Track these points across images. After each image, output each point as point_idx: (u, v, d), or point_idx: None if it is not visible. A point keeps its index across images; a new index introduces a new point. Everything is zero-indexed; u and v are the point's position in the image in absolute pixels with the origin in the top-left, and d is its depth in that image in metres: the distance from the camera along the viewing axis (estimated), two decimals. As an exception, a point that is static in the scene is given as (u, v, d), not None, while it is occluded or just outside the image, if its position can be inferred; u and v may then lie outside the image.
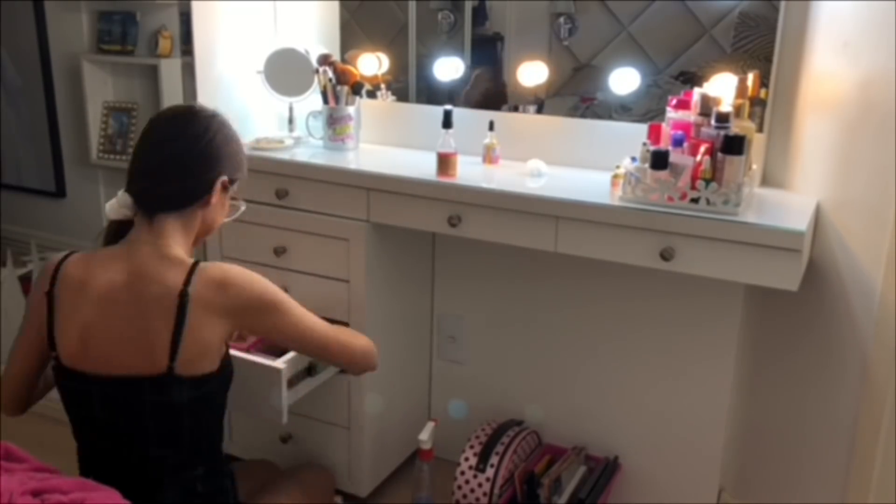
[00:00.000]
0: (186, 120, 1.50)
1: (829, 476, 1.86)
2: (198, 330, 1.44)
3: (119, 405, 1.47)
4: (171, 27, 3.37)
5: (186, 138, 1.48)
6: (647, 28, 2.16)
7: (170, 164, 1.48)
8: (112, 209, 1.51)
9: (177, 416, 1.47)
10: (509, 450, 2.16)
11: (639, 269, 1.80)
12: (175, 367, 1.43)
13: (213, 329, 1.46)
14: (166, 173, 1.48)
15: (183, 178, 1.49)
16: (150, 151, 1.49)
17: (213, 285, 1.46)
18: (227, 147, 1.54)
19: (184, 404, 1.46)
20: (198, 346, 1.45)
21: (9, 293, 2.75)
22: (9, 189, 4.02)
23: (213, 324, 1.46)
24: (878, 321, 1.70)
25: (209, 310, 1.45)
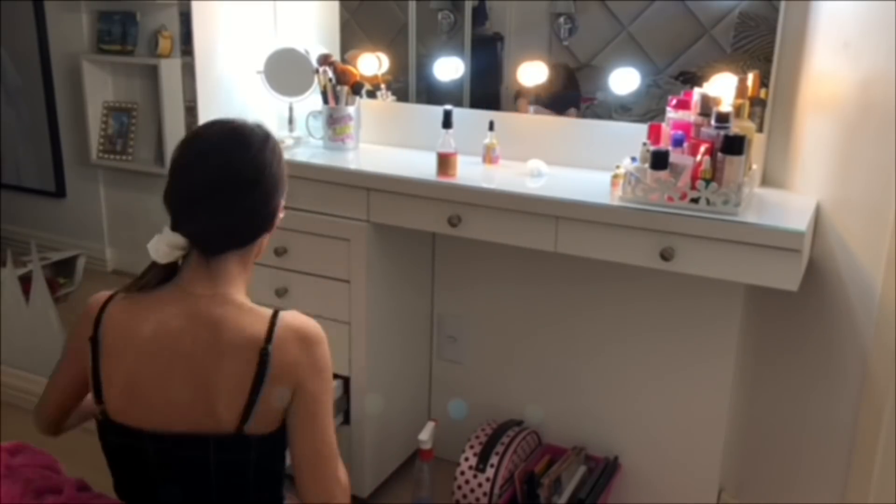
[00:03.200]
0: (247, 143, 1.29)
1: (829, 476, 1.86)
2: (275, 389, 1.27)
3: (179, 463, 1.30)
4: (171, 27, 3.37)
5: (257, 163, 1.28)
6: (647, 28, 2.16)
7: (243, 197, 1.28)
8: (159, 252, 1.28)
9: (243, 474, 1.31)
10: (509, 450, 2.16)
11: (639, 269, 1.80)
12: (245, 428, 1.27)
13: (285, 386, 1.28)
14: (238, 209, 1.28)
15: (257, 210, 1.30)
16: (208, 182, 1.27)
17: (297, 339, 1.28)
18: (283, 164, 1.35)
19: (251, 462, 1.30)
20: (271, 407, 1.28)
21: (9, 293, 2.75)
22: (9, 189, 4.02)
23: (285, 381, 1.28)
24: (878, 321, 1.70)
25: (286, 366, 1.27)
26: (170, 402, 1.28)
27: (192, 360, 1.27)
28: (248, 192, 1.29)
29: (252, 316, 1.29)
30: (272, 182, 1.31)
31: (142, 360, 1.28)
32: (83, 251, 3.65)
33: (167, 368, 1.27)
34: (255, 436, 1.28)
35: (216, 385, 1.26)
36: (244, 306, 1.31)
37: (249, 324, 1.27)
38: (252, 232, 1.33)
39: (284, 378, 1.27)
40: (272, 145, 1.33)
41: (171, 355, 1.27)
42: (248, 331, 1.27)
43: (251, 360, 1.26)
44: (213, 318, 1.27)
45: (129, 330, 1.29)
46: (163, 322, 1.28)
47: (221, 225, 1.29)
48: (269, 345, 1.26)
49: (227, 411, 1.26)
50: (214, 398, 1.26)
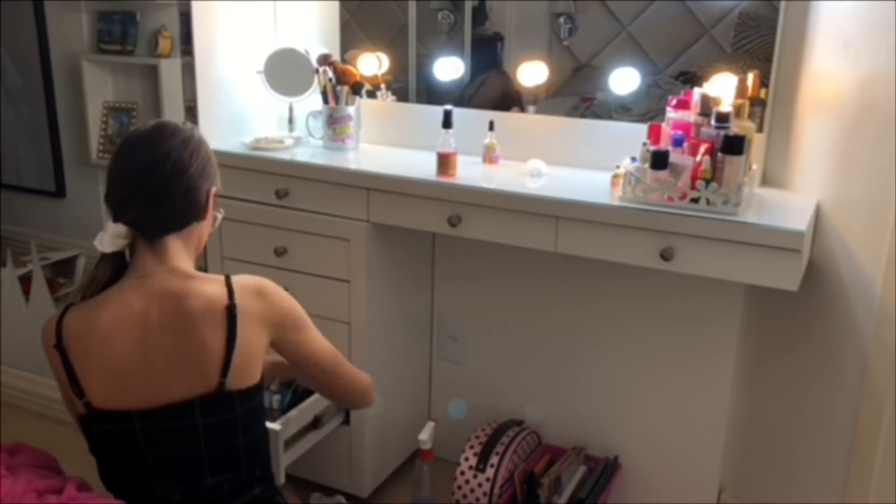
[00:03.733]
0: (170, 136, 1.43)
1: (829, 476, 1.86)
2: (248, 341, 1.40)
3: (169, 436, 1.38)
4: (171, 27, 3.37)
5: (177, 154, 1.41)
6: (647, 28, 2.16)
7: (169, 182, 1.40)
8: (105, 243, 1.41)
9: (232, 434, 1.41)
10: (509, 450, 2.16)
11: (639, 270, 1.80)
12: (226, 383, 1.37)
13: (258, 339, 1.43)
14: (167, 194, 1.41)
15: (184, 195, 1.42)
16: (141, 175, 1.40)
17: (253, 294, 1.43)
18: (210, 157, 1.49)
19: (237, 419, 1.40)
20: (247, 358, 1.40)
21: (9, 293, 2.75)
22: (9, 189, 4.02)
23: (257, 334, 1.43)
24: (878, 321, 1.70)
25: (253, 319, 1.41)
26: (150, 377, 1.36)
27: (163, 332, 1.37)
28: (171, 179, 1.41)
29: (208, 283, 1.42)
30: (194, 174, 1.43)
31: (112, 345, 1.37)
32: (83, 251, 3.65)
33: (141, 344, 1.37)
34: (236, 391, 1.39)
35: (192, 351, 1.36)
36: (198, 276, 1.43)
37: (209, 289, 1.40)
38: (182, 217, 1.44)
39: (255, 327, 1.42)
40: (195, 141, 1.46)
41: (142, 331, 1.37)
42: (210, 294, 1.40)
43: (220, 318, 1.38)
44: (172, 291, 1.39)
45: (90, 323, 1.38)
46: (124, 304, 1.38)
47: (153, 209, 1.41)
48: (233, 300, 1.39)
49: (208, 369, 1.37)
50: (195, 360, 1.36)
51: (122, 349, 1.36)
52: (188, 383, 1.37)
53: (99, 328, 1.37)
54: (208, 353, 1.37)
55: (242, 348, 1.39)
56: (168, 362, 1.37)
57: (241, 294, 1.41)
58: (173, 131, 1.43)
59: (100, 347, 1.37)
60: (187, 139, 1.44)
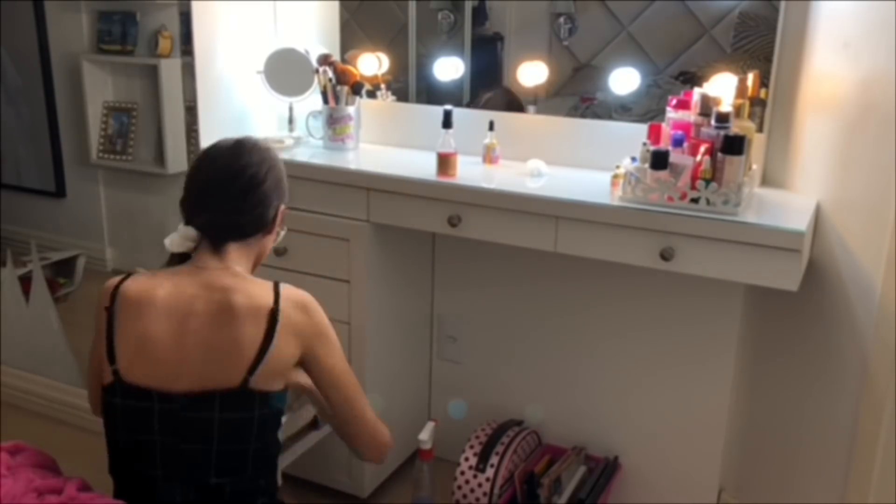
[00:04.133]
0: (249, 152, 1.52)
1: (829, 476, 1.86)
2: (281, 348, 1.44)
3: (185, 424, 1.41)
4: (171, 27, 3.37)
5: (254, 169, 1.50)
6: (647, 28, 2.16)
7: (243, 194, 1.49)
8: (174, 243, 1.50)
9: (245, 436, 1.43)
10: (509, 450, 2.16)
11: (639, 269, 1.80)
12: (250, 381, 1.41)
13: (291, 350, 1.47)
14: (240, 204, 1.49)
15: (256, 207, 1.51)
16: (217, 184, 1.50)
17: (297, 306, 1.48)
18: (283, 177, 1.58)
19: (253, 421, 1.43)
20: (276, 363, 1.44)
21: (9, 293, 2.75)
22: (9, 189, 4.02)
23: (291, 344, 1.46)
24: (878, 321, 1.70)
25: (291, 329, 1.46)
26: (181, 360, 1.41)
27: (205, 321, 1.43)
28: (244, 195, 1.50)
29: (258, 285, 1.48)
30: (267, 190, 1.52)
31: (157, 320, 1.43)
32: (83, 251, 3.65)
33: (180, 328, 1.42)
34: (258, 391, 1.41)
35: (228, 343, 1.41)
36: (250, 278, 1.50)
37: (257, 291, 1.46)
38: (249, 227, 1.52)
39: (291, 336, 1.45)
40: (272, 158, 1.55)
41: (185, 316, 1.43)
42: (257, 295, 1.45)
43: (261, 319, 1.43)
44: (223, 285, 1.45)
45: (146, 293, 1.44)
46: (178, 287, 1.45)
47: (223, 218, 1.50)
48: (277, 306, 1.45)
49: (236, 367, 1.40)
50: (227, 353, 1.41)
51: (163, 328, 1.42)
52: (215, 374, 1.40)
53: (151, 302, 1.43)
54: (242, 348, 1.41)
55: (275, 353, 1.43)
56: (202, 351, 1.41)
57: (285, 302, 1.46)
58: (252, 147, 1.53)
59: (144, 320, 1.42)
60: (265, 157, 1.53)
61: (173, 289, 1.45)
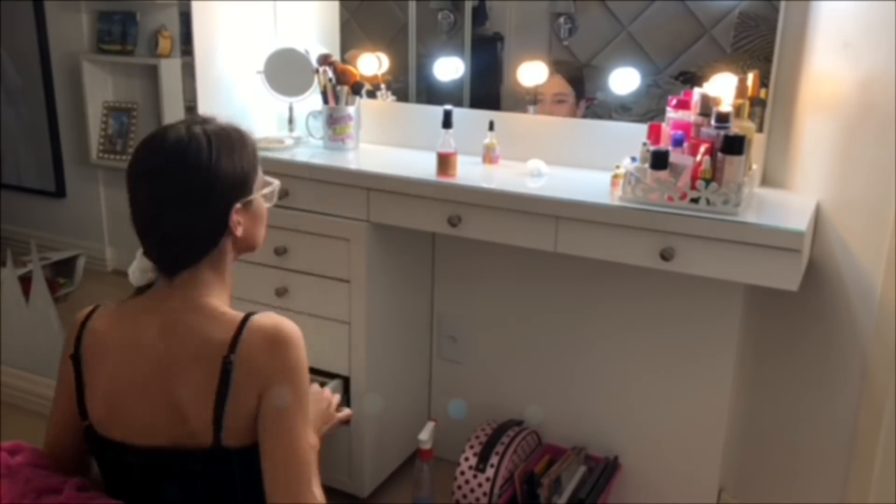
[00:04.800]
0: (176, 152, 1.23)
1: (829, 476, 1.86)
2: (242, 400, 1.22)
3: (165, 477, 1.28)
4: (171, 27, 3.38)
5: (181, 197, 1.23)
6: (647, 28, 2.16)
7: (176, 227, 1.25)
8: (135, 276, 1.34)
9: (230, 491, 1.28)
10: (509, 450, 2.16)
11: (639, 269, 1.80)
12: (221, 439, 1.23)
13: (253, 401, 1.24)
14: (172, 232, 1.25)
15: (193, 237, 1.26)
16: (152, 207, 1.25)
17: (265, 342, 1.23)
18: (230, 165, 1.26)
19: (235, 477, 1.27)
20: (244, 418, 1.23)
21: (9, 293, 2.75)
22: (9, 189, 4.02)
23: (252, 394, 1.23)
24: (878, 321, 1.70)
25: (251, 375, 1.22)
26: (148, 415, 1.26)
27: (163, 371, 1.25)
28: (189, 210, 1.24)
29: (217, 323, 1.25)
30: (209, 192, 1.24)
31: (119, 371, 1.28)
32: (83, 251, 3.66)
33: (142, 380, 1.26)
34: (234, 448, 1.25)
35: (182, 396, 1.24)
36: (213, 312, 1.27)
37: (213, 331, 1.24)
38: (201, 248, 1.28)
39: (251, 386, 1.23)
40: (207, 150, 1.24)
41: (146, 366, 1.26)
42: (212, 339, 1.23)
43: (214, 369, 1.22)
44: (182, 327, 1.25)
45: (106, 340, 1.29)
46: (138, 332, 1.27)
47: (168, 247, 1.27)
48: (233, 354, 1.22)
49: (199, 423, 1.23)
50: (183, 410, 1.24)
51: (126, 378, 1.27)
52: (181, 432, 1.24)
53: (114, 351, 1.28)
54: (199, 405, 1.23)
55: (233, 406, 1.22)
56: (163, 406, 1.25)
57: (246, 342, 1.22)
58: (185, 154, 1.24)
59: (109, 368, 1.28)
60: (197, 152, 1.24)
61: (132, 334, 1.27)
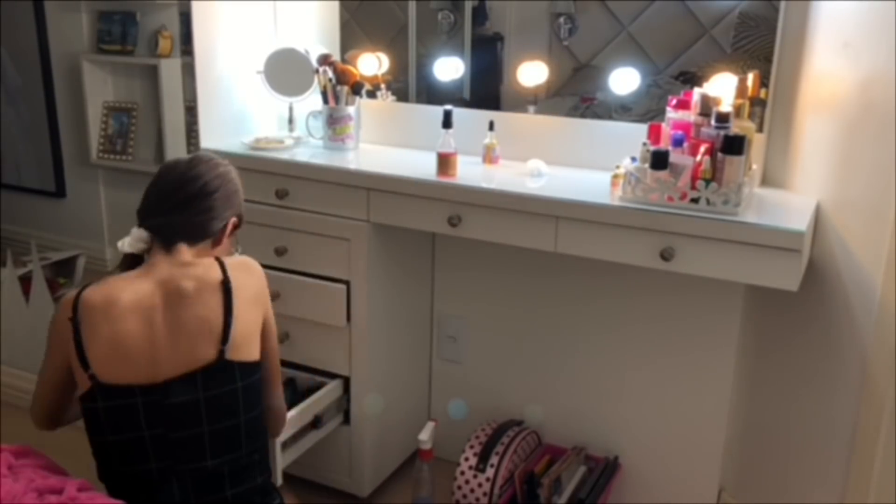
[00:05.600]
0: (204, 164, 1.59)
1: (829, 476, 1.86)
2: (244, 314, 1.50)
3: (171, 412, 1.44)
4: (171, 27, 3.38)
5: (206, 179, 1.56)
6: (647, 28, 2.16)
7: (193, 199, 1.55)
8: (126, 244, 1.56)
9: (234, 409, 1.48)
10: (509, 450, 2.16)
11: (639, 269, 1.80)
12: (226, 351, 1.46)
13: (254, 315, 1.54)
14: (189, 207, 1.55)
15: (204, 212, 1.56)
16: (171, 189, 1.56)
17: (242, 269, 1.55)
18: (236, 193, 1.63)
19: (237, 393, 1.48)
20: (245, 330, 1.50)
21: (9, 293, 2.75)
22: (9, 189, 4.02)
23: (252, 310, 1.53)
24: (878, 321, 1.70)
25: (247, 295, 1.53)
26: (155, 353, 1.44)
27: (166, 311, 1.47)
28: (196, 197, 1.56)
29: (202, 266, 1.53)
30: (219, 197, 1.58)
31: (123, 320, 1.45)
32: (83, 251, 3.65)
33: (146, 324, 1.45)
34: (237, 362, 1.48)
35: (192, 323, 1.46)
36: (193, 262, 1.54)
37: (202, 270, 1.52)
38: (197, 230, 1.56)
39: (249, 301, 1.53)
40: (227, 173, 1.61)
41: (148, 312, 1.46)
42: (204, 273, 1.51)
43: (215, 292, 1.49)
44: (172, 275, 1.50)
45: (108, 297, 1.46)
46: (136, 287, 1.49)
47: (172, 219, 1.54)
48: (227, 275, 1.52)
49: (206, 342, 1.46)
50: (193, 335, 1.46)
51: (131, 326, 1.44)
52: (190, 356, 1.45)
53: (115, 304, 1.46)
54: (207, 324, 1.47)
55: (239, 320, 1.49)
56: (171, 338, 1.45)
57: (232, 271, 1.53)
58: (208, 161, 1.60)
59: (112, 322, 1.44)
60: (219, 171, 1.59)
61: (132, 290, 1.48)
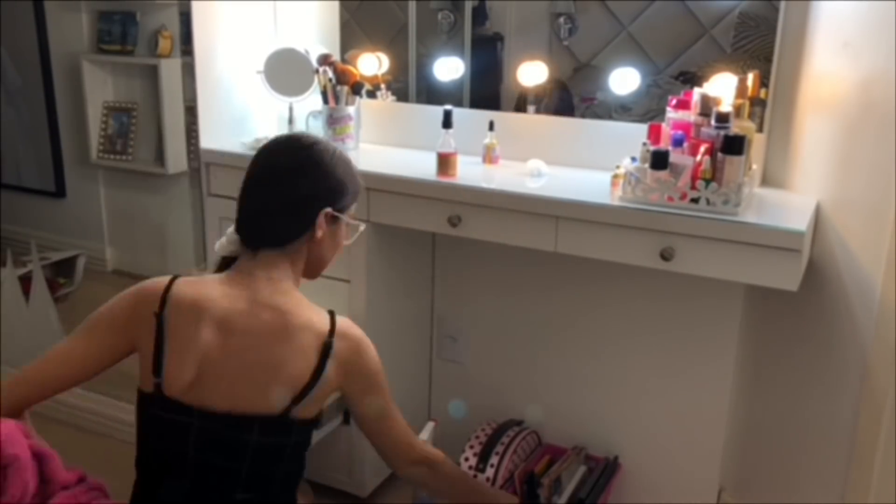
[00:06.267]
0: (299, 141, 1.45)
1: (829, 476, 1.86)
2: (329, 380, 1.40)
3: (220, 444, 1.36)
4: (171, 27, 3.37)
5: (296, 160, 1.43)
6: (647, 28, 2.16)
7: (271, 202, 1.42)
8: (221, 246, 1.48)
9: (278, 459, 1.40)
10: (509, 450, 2.16)
11: (639, 269, 1.80)
12: (293, 410, 1.37)
13: (335, 383, 1.43)
14: (267, 211, 1.43)
15: (281, 216, 1.42)
16: (255, 188, 1.44)
17: (352, 346, 1.43)
18: (331, 179, 1.45)
19: (288, 447, 1.40)
20: (321, 396, 1.40)
21: (9, 293, 2.75)
22: (9, 189, 4.02)
23: (335, 378, 1.42)
24: (878, 321, 1.70)
25: (340, 363, 1.41)
26: (226, 378, 1.35)
27: (254, 341, 1.36)
28: (288, 181, 1.41)
29: (313, 310, 1.42)
30: (316, 184, 1.42)
31: (209, 331, 1.35)
32: (83, 251, 3.65)
33: (227, 343, 1.35)
34: (297, 420, 1.38)
35: (275, 367, 1.36)
36: (303, 300, 1.43)
37: (313, 315, 1.41)
38: (286, 229, 1.42)
39: (338, 369, 1.40)
40: (330, 155, 1.44)
41: (234, 331, 1.36)
42: (313, 321, 1.40)
43: (316, 347, 1.38)
44: (275, 304, 1.38)
45: (201, 300, 1.37)
46: (229, 299, 1.38)
47: (257, 224, 1.42)
48: (332, 338, 1.39)
49: (280, 393, 1.35)
50: (271, 379, 1.35)
51: (213, 341, 1.35)
52: (258, 398, 1.35)
53: (206, 310, 1.36)
54: (290, 375, 1.36)
55: (323, 385, 1.39)
56: (247, 371, 1.35)
57: (340, 336, 1.41)
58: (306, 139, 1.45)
59: (199, 330, 1.35)
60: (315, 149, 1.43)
61: (225, 300, 1.38)
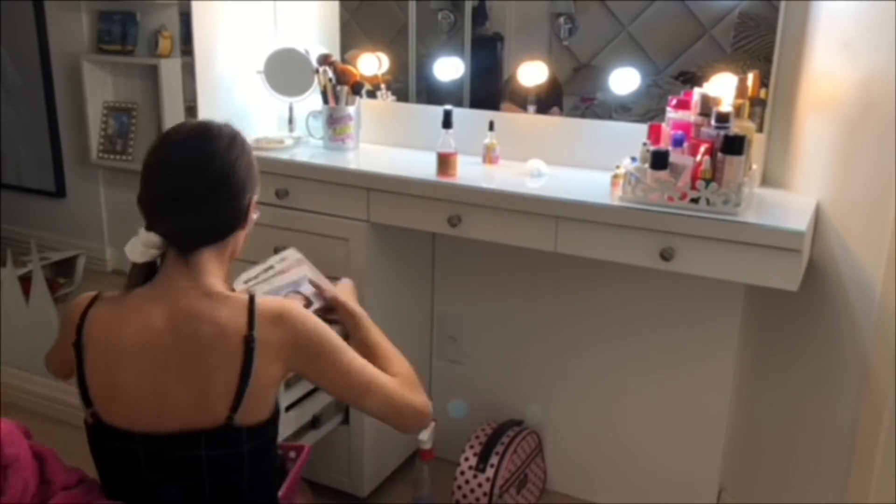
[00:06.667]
0: (210, 141, 1.33)
1: (829, 476, 1.86)
2: (263, 376, 1.29)
3: (171, 464, 1.31)
4: (171, 27, 3.38)
5: (218, 163, 1.32)
6: (647, 28, 2.16)
7: (205, 194, 1.31)
8: (136, 252, 1.32)
9: (237, 470, 1.33)
10: (509, 450, 2.16)
11: (639, 269, 1.80)
12: (234, 418, 1.28)
13: (274, 372, 1.32)
14: (203, 206, 1.31)
15: (222, 207, 1.33)
16: (178, 181, 1.31)
17: (272, 321, 1.31)
18: (252, 164, 1.38)
19: (243, 456, 1.32)
20: (261, 393, 1.30)
21: (9, 293, 2.75)
22: (9, 189, 4.02)
23: (273, 367, 1.31)
24: (878, 321, 1.70)
25: (271, 351, 1.30)
26: (159, 401, 1.30)
27: (176, 357, 1.29)
28: (216, 190, 1.32)
29: (229, 307, 1.31)
30: (240, 180, 1.35)
31: (128, 363, 1.30)
32: (83, 251, 3.66)
33: (154, 368, 1.30)
34: (245, 427, 1.30)
35: (201, 380, 1.29)
36: (221, 296, 1.33)
37: (228, 315, 1.30)
38: (224, 228, 1.36)
39: (272, 358, 1.31)
40: (239, 143, 1.36)
41: (157, 354, 1.30)
42: (228, 321, 1.30)
43: (235, 348, 1.28)
44: (191, 313, 1.30)
45: (113, 334, 1.31)
46: (146, 323, 1.31)
47: (193, 222, 1.32)
48: (252, 330, 1.29)
49: (217, 402, 1.28)
50: (203, 390, 1.29)
51: (135, 370, 1.30)
52: (196, 413, 1.29)
53: (118, 344, 1.30)
54: (218, 385, 1.28)
55: (257, 383, 1.29)
56: (178, 388, 1.29)
57: (261, 322, 1.30)
58: (217, 136, 1.34)
59: (114, 366, 1.31)
60: (230, 145, 1.34)
61: (141, 326, 1.30)
